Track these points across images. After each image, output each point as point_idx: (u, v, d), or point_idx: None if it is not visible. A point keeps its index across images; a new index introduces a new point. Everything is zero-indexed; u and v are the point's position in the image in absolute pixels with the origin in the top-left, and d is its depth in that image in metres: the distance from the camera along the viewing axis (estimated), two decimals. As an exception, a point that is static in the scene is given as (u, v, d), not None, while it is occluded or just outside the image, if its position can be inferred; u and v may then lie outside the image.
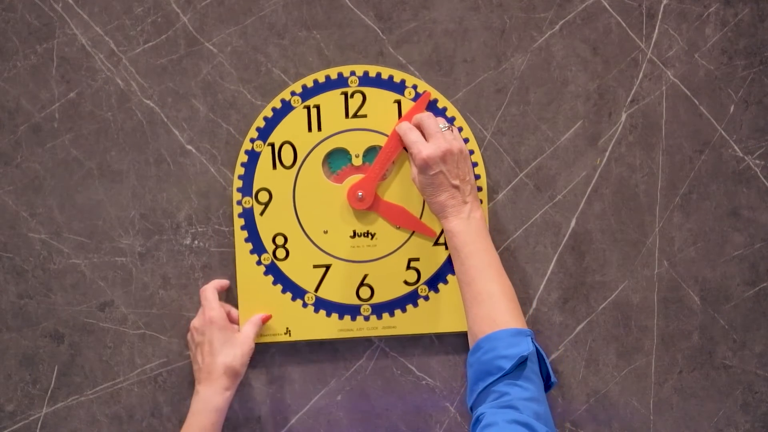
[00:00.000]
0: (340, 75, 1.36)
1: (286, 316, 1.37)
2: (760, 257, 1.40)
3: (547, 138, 1.38)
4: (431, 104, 1.36)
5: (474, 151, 1.36)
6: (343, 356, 1.39)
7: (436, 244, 1.36)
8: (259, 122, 1.36)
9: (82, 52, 1.36)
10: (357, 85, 1.36)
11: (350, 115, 1.36)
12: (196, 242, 1.38)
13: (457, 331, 1.37)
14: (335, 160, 1.37)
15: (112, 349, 1.39)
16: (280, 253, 1.37)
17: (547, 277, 1.39)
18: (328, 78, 1.36)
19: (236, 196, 1.36)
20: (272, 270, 1.37)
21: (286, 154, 1.36)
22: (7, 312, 1.39)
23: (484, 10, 1.36)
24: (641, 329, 1.40)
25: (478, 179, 1.36)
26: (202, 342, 1.32)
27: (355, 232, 1.37)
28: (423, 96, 1.35)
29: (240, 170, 1.36)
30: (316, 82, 1.36)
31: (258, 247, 1.37)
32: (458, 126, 1.36)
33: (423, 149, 1.27)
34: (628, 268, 1.39)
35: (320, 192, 1.36)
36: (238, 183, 1.36)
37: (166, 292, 1.39)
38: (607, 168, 1.39)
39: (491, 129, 1.38)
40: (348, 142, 1.36)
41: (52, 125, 1.37)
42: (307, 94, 1.36)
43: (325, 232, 1.37)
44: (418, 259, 1.37)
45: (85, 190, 1.38)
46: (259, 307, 1.37)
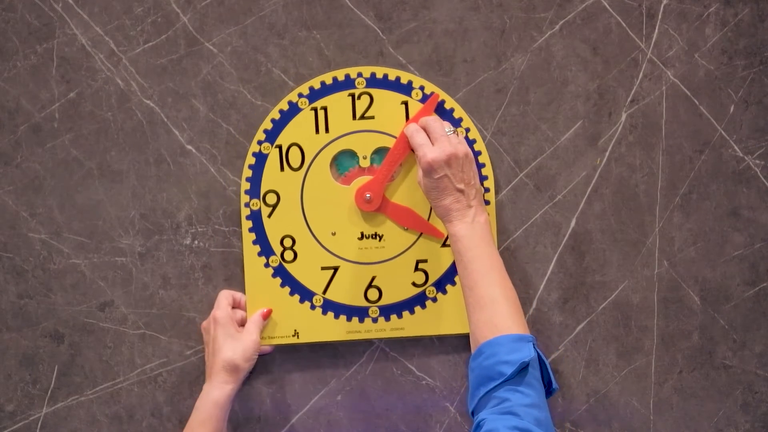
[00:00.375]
0: (347, 76, 1.35)
1: (294, 319, 1.37)
2: (760, 257, 1.40)
3: (547, 138, 1.38)
4: (439, 105, 1.36)
5: (481, 152, 1.36)
6: (343, 356, 1.39)
7: (444, 245, 1.36)
8: (267, 124, 1.36)
9: (82, 52, 1.36)
10: (364, 87, 1.36)
11: (357, 117, 1.36)
12: (196, 242, 1.38)
13: (464, 333, 1.37)
14: (343, 161, 1.37)
15: (112, 349, 1.39)
16: (288, 255, 1.37)
17: (547, 277, 1.39)
18: (335, 79, 1.36)
19: (244, 198, 1.36)
20: (280, 272, 1.37)
21: (294, 156, 1.36)
22: (7, 312, 1.39)
23: (484, 10, 1.36)
24: (641, 329, 1.40)
25: (486, 180, 1.36)
26: (207, 341, 1.34)
27: (363, 234, 1.36)
28: (432, 98, 1.35)
29: (248, 172, 1.36)
30: (323, 83, 1.36)
31: (266, 250, 1.36)
32: (466, 127, 1.36)
33: (428, 152, 1.27)
34: (628, 268, 1.39)
35: (328, 194, 1.36)
36: (245, 185, 1.36)
37: (166, 292, 1.39)
38: (607, 168, 1.39)
39: (491, 129, 1.38)
40: (355, 143, 1.36)
41: (52, 125, 1.37)
42: (314, 95, 1.36)
43: (333, 234, 1.36)
44: (426, 261, 1.37)
45: (85, 190, 1.38)
46: (264, 309, 1.37)
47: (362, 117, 1.36)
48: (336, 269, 1.37)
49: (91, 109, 1.37)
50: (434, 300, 1.37)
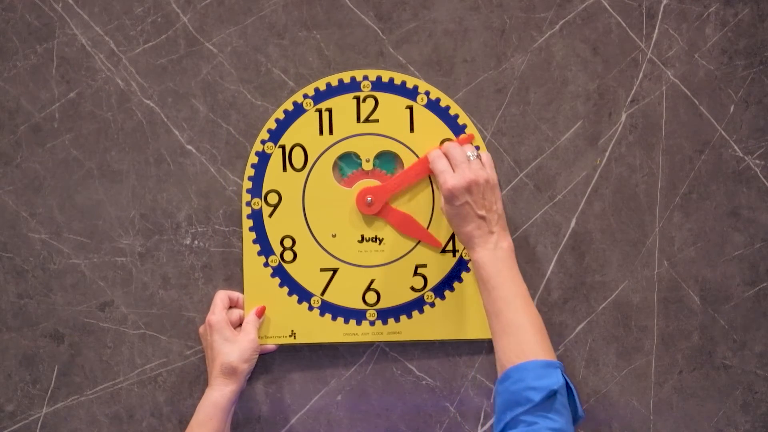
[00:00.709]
0: (353, 79, 1.35)
1: (291, 319, 1.37)
2: (760, 257, 1.40)
3: (547, 138, 1.38)
4: (437, 106, 1.36)
5: (480, 147, 1.36)
6: (343, 356, 1.39)
7: (444, 251, 1.36)
8: (271, 124, 1.36)
9: (82, 52, 1.36)
10: (369, 90, 1.36)
11: (362, 120, 1.36)
12: (196, 242, 1.38)
13: (461, 339, 1.37)
14: (346, 164, 1.37)
15: (112, 349, 1.39)
16: (288, 256, 1.37)
17: (547, 277, 1.39)
18: (340, 82, 1.36)
19: (245, 197, 1.36)
20: (279, 272, 1.37)
21: (297, 157, 1.36)
22: (7, 312, 1.39)
23: (484, 10, 1.36)
24: (641, 329, 1.40)
25: None
26: (205, 346, 1.34)
27: (363, 237, 1.36)
28: (467, 136, 1.34)
29: (250, 171, 1.36)
30: (328, 85, 1.36)
31: (266, 249, 1.36)
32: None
33: (449, 179, 1.27)
34: (628, 268, 1.39)
35: (329, 195, 1.36)
36: (247, 184, 1.36)
37: (166, 292, 1.39)
38: (607, 168, 1.39)
39: (491, 129, 1.38)
40: (359, 146, 1.36)
41: (52, 125, 1.37)
42: (319, 97, 1.36)
43: (333, 236, 1.36)
44: (425, 266, 1.37)
45: (85, 190, 1.38)
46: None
47: (366, 120, 1.36)
48: (335, 271, 1.37)
49: (91, 109, 1.37)
50: (432, 305, 1.37)
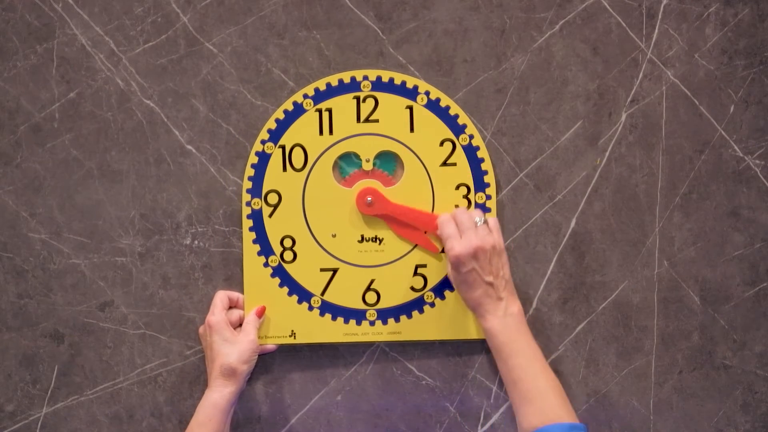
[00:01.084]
0: (353, 79, 1.35)
1: (291, 319, 1.37)
2: (760, 257, 1.40)
3: (547, 138, 1.38)
4: (437, 106, 1.36)
5: (480, 147, 1.36)
6: (343, 356, 1.39)
7: (444, 251, 1.36)
8: (271, 124, 1.36)
9: (82, 52, 1.36)
10: (369, 90, 1.36)
11: (362, 120, 1.36)
12: (196, 242, 1.38)
13: (460, 339, 1.37)
14: (346, 164, 1.37)
15: (112, 349, 1.39)
16: (288, 256, 1.37)
17: (547, 277, 1.39)
18: (340, 82, 1.36)
19: (245, 197, 1.36)
20: (279, 272, 1.37)
21: (297, 157, 1.36)
22: (7, 312, 1.39)
23: (484, 10, 1.36)
24: (641, 329, 1.40)
25: (486, 175, 1.36)
26: (205, 346, 1.34)
27: (363, 237, 1.36)
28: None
29: (250, 171, 1.36)
30: (328, 85, 1.36)
31: (266, 249, 1.36)
32: (470, 132, 1.35)
33: (455, 245, 1.27)
34: (628, 268, 1.39)
35: (329, 195, 1.36)
36: (247, 184, 1.36)
37: (166, 292, 1.39)
38: (607, 168, 1.39)
39: (491, 129, 1.38)
40: (359, 146, 1.36)
41: (52, 125, 1.37)
42: (319, 97, 1.36)
43: (333, 236, 1.36)
44: (425, 266, 1.37)
45: (85, 190, 1.38)
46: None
47: (366, 120, 1.36)
48: (335, 271, 1.37)
49: (91, 109, 1.37)
50: (432, 305, 1.37)
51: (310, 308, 1.37)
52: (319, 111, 1.36)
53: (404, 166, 1.36)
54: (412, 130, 1.36)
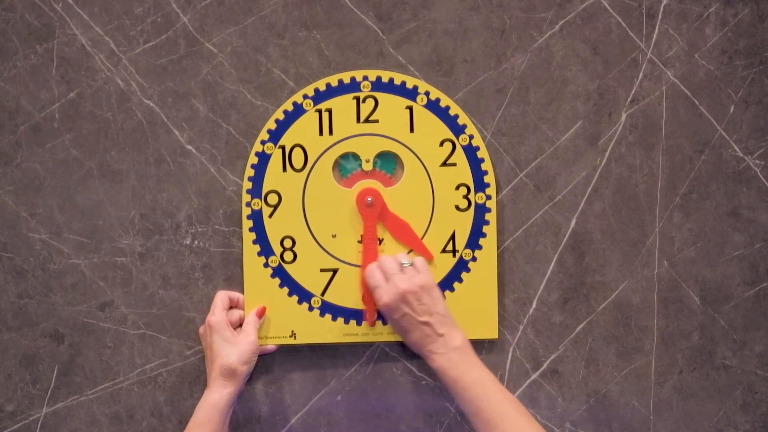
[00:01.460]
0: (352, 79, 1.35)
1: (291, 319, 1.37)
2: (760, 257, 1.40)
3: (547, 138, 1.38)
4: (436, 106, 1.36)
5: (480, 147, 1.36)
6: (343, 356, 1.39)
7: (443, 251, 1.36)
8: (270, 124, 1.36)
9: (82, 52, 1.36)
10: (369, 90, 1.36)
11: (362, 120, 1.36)
12: (196, 242, 1.38)
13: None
14: (345, 164, 1.37)
15: (112, 349, 1.39)
16: (288, 256, 1.37)
17: (547, 277, 1.39)
18: (340, 82, 1.36)
19: (245, 197, 1.36)
20: (279, 273, 1.37)
21: (297, 157, 1.36)
22: (7, 312, 1.39)
23: (484, 10, 1.37)
24: (641, 329, 1.40)
25: (486, 175, 1.36)
26: (205, 346, 1.34)
27: (363, 237, 1.36)
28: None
29: (250, 172, 1.36)
30: (328, 85, 1.36)
31: (266, 250, 1.36)
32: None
33: (383, 295, 1.27)
34: (628, 268, 1.39)
35: (329, 196, 1.36)
36: (247, 185, 1.36)
37: (166, 292, 1.39)
38: (607, 168, 1.39)
39: (491, 129, 1.38)
40: (359, 146, 1.36)
41: (52, 125, 1.37)
42: (319, 97, 1.36)
43: (334, 236, 1.36)
44: None
45: (85, 190, 1.38)
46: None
47: (366, 120, 1.36)
48: (335, 271, 1.37)
49: (91, 109, 1.37)
50: None
51: (311, 308, 1.37)
52: (319, 111, 1.36)
53: (404, 167, 1.36)
54: (412, 130, 1.36)
